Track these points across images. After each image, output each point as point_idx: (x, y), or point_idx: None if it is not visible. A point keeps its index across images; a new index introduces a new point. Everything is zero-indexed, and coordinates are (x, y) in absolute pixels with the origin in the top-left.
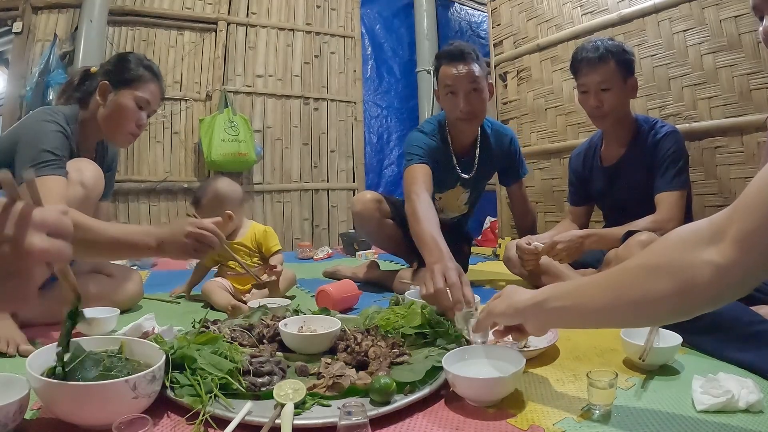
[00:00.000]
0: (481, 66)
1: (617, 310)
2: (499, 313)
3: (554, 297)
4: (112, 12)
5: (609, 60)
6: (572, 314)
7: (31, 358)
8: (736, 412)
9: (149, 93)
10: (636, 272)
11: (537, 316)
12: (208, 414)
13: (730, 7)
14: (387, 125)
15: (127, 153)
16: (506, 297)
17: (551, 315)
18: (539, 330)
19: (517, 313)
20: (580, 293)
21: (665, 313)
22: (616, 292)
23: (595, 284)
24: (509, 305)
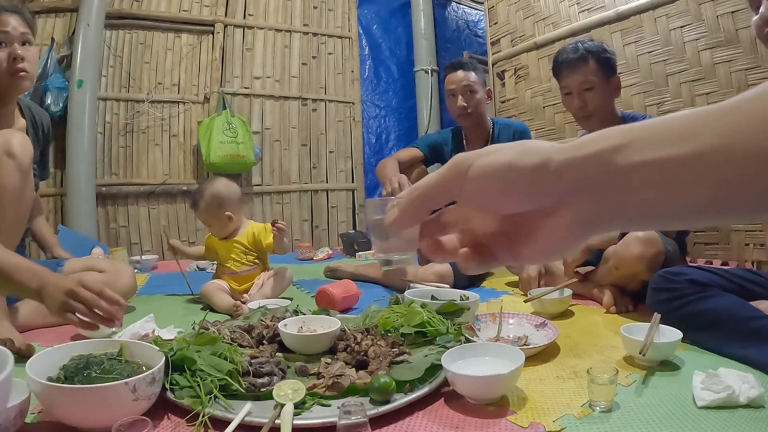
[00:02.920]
0: (478, 74)
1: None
2: (494, 170)
3: (647, 139)
4: (109, 15)
5: (589, 60)
6: (703, 173)
7: (31, 362)
8: (737, 408)
9: (1, 24)
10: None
11: (597, 185)
12: (208, 415)
13: (727, 3)
14: (385, 125)
15: (125, 156)
16: (513, 145)
17: (634, 183)
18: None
19: (552, 174)
20: (722, 124)
21: None
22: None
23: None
24: (529, 150)
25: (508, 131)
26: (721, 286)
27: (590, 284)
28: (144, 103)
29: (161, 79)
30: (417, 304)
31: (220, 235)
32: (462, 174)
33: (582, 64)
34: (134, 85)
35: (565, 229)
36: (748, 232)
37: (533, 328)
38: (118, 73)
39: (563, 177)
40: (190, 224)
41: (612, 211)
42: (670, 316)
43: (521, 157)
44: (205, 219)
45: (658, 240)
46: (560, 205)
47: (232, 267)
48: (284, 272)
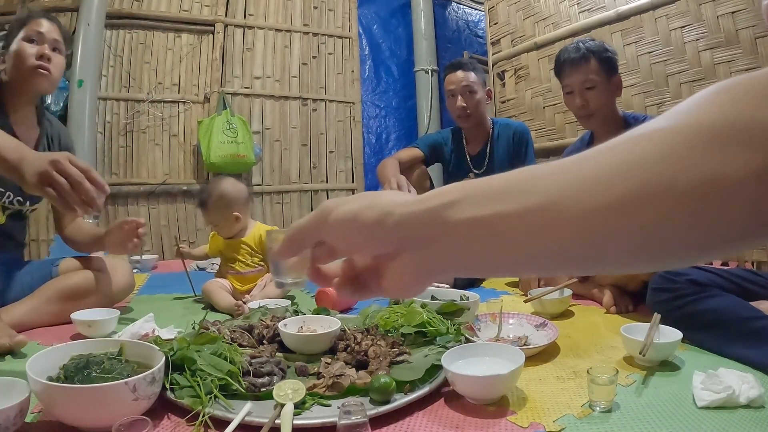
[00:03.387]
0: (478, 74)
1: (648, 215)
2: (345, 218)
3: (479, 195)
4: (110, 15)
5: (591, 59)
6: (517, 234)
7: (31, 362)
8: (737, 408)
9: (36, 25)
10: (679, 139)
11: (429, 237)
12: (208, 415)
13: (728, 3)
14: (385, 125)
15: (126, 156)
16: (369, 195)
17: (461, 237)
18: (420, 275)
19: (391, 226)
20: (554, 182)
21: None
22: (641, 176)
23: (586, 166)
24: (371, 205)
25: (507, 131)
26: (721, 286)
27: (590, 284)
28: (144, 103)
29: (161, 79)
30: (417, 304)
31: (227, 234)
32: (324, 219)
33: (583, 63)
34: (134, 84)
35: (407, 273)
36: None
37: (533, 328)
38: (118, 73)
39: (399, 230)
40: (190, 224)
41: (444, 260)
42: (670, 316)
43: (365, 210)
44: (212, 219)
45: None
46: (400, 253)
47: (237, 267)
48: None
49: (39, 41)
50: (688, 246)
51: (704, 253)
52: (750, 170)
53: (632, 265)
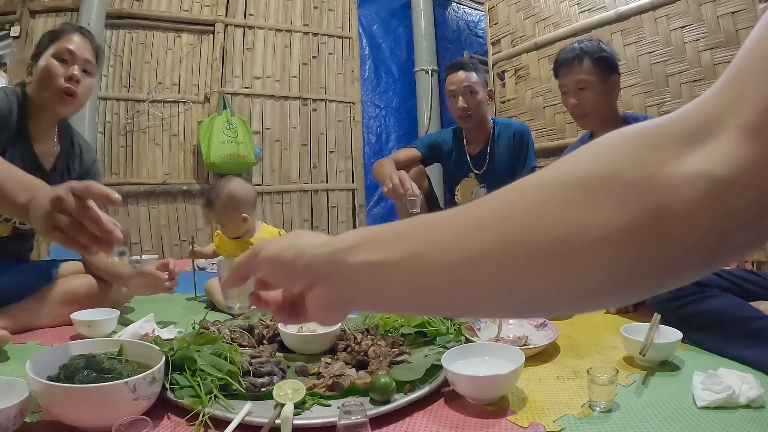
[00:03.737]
0: (479, 75)
1: (504, 268)
2: (269, 257)
3: (373, 241)
4: (110, 15)
5: (584, 59)
6: (398, 278)
7: (31, 361)
8: (737, 408)
9: (69, 42)
10: (547, 193)
11: (332, 277)
12: (208, 415)
13: (728, 4)
14: (385, 125)
15: (126, 156)
16: (293, 235)
17: (358, 278)
18: (330, 309)
19: (303, 265)
20: (429, 234)
21: (604, 275)
22: (505, 232)
23: (460, 217)
24: (290, 246)
25: (508, 131)
26: (721, 286)
27: None
28: (144, 103)
29: (161, 79)
30: None
31: (233, 235)
32: (255, 257)
33: (577, 63)
34: (134, 84)
35: (320, 305)
36: None
37: (533, 329)
38: (118, 73)
39: (309, 269)
40: (190, 224)
41: (347, 296)
42: (670, 316)
43: (284, 251)
44: (220, 219)
45: None
46: (313, 288)
47: None
48: None
49: (70, 61)
50: (544, 300)
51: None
52: (612, 227)
53: (503, 314)
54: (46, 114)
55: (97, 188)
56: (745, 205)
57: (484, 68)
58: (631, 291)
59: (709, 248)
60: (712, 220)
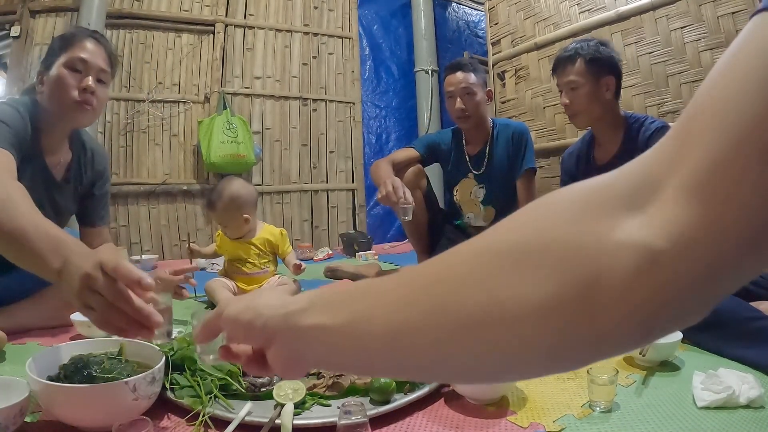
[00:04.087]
0: (477, 75)
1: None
2: (230, 317)
3: (322, 305)
4: (110, 15)
5: (577, 60)
6: (344, 342)
7: (32, 361)
8: (737, 408)
9: (82, 51)
10: (477, 261)
11: (285, 338)
12: (208, 415)
13: (728, 4)
14: (386, 125)
15: (126, 156)
16: (254, 296)
17: (308, 340)
18: (286, 366)
19: (260, 326)
20: (367, 300)
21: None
22: (433, 301)
23: (398, 284)
24: (249, 307)
25: (507, 131)
26: None
27: None
28: (144, 103)
29: (162, 79)
30: None
31: (235, 235)
32: (219, 316)
33: (570, 64)
34: (134, 84)
35: (278, 362)
36: None
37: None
38: (118, 73)
39: (265, 330)
40: (190, 224)
41: (300, 356)
42: None
43: (243, 312)
44: (222, 220)
45: None
46: (269, 346)
47: (245, 269)
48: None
49: (83, 71)
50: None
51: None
52: (538, 299)
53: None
54: (59, 126)
55: (126, 272)
56: (683, 277)
57: (483, 68)
58: (561, 363)
59: (644, 321)
60: (647, 293)
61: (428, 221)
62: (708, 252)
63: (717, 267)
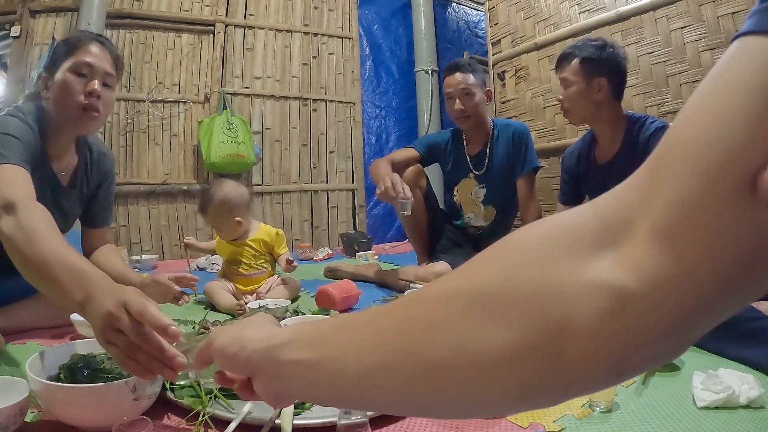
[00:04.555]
0: (476, 76)
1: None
2: (217, 349)
3: (300, 340)
4: (110, 15)
5: (573, 59)
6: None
7: (32, 361)
8: (737, 408)
9: (87, 55)
10: (445, 304)
11: (267, 371)
12: (208, 415)
13: (728, 4)
14: (386, 125)
15: (126, 156)
16: (242, 327)
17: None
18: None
19: (244, 359)
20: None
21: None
22: (403, 343)
23: (371, 323)
24: (235, 340)
25: (507, 131)
26: None
27: None
28: (144, 103)
29: (162, 79)
30: None
31: (229, 238)
32: (209, 346)
33: (564, 62)
34: (135, 84)
35: (263, 393)
36: None
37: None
38: None
39: (248, 363)
40: (190, 224)
41: (282, 388)
42: None
43: (229, 344)
44: (214, 223)
45: None
46: (254, 378)
47: (241, 270)
48: (294, 282)
49: (89, 75)
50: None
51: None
52: (505, 345)
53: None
54: (65, 132)
55: (153, 319)
56: (655, 320)
57: (482, 68)
58: (529, 404)
59: (614, 365)
60: (617, 336)
61: (428, 221)
62: (681, 297)
63: (691, 311)
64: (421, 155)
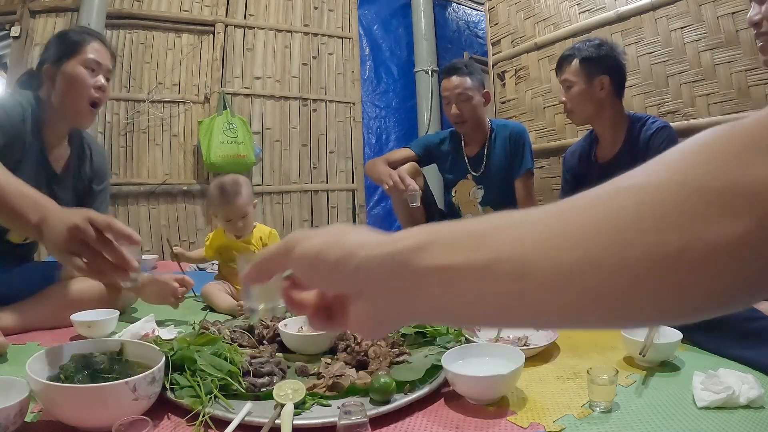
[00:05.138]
0: (474, 78)
1: (602, 280)
2: (309, 253)
3: (444, 242)
4: (110, 15)
5: (573, 59)
6: (480, 287)
7: (32, 361)
8: (736, 408)
9: (94, 52)
10: (657, 199)
11: (390, 284)
12: (208, 415)
13: (728, 4)
14: (385, 126)
15: (126, 156)
16: (338, 231)
17: (428, 285)
18: (372, 324)
19: (351, 269)
20: (509, 237)
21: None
22: (610, 236)
23: (554, 216)
24: (336, 244)
25: (505, 132)
26: None
27: None
28: (144, 103)
29: (162, 79)
30: None
31: (240, 233)
32: (288, 252)
33: (566, 63)
34: (135, 84)
35: (367, 317)
36: None
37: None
38: (118, 73)
39: (359, 274)
40: (190, 224)
41: (405, 309)
42: None
43: (328, 249)
44: (240, 213)
45: None
46: (357, 297)
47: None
48: None
49: (96, 70)
50: (669, 311)
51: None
52: (734, 235)
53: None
54: (64, 121)
55: (120, 226)
56: None
57: (481, 69)
58: (752, 298)
59: None
60: None
61: (426, 221)
62: None
63: None
64: (417, 155)
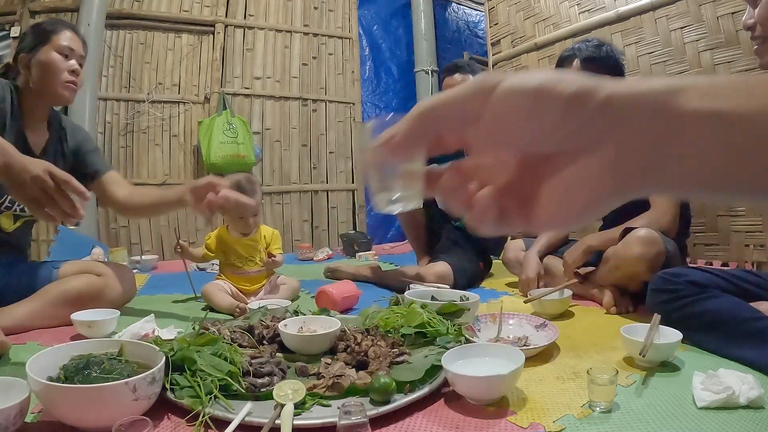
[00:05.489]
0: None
1: None
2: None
3: (703, 88)
4: (110, 15)
5: (574, 59)
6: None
7: (32, 362)
8: (736, 408)
9: (66, 39)
10: None
11: (651, 125)
12: (208, 415)
13: (727, 4)
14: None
15: (126, 156)
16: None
17: (698, 131)
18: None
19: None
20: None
21: None
22: None
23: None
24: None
25: None
26: (721, 287)
27: (590, 285)
28: (144, 103)
29: (162, 80)
30: (417, 304)
31: (249, 230)
32: (486, 92)
33: (566, 63)
34: (134, 85)
35: (593, 181)
36: (748, 233)
37: (533, 329)
38: (118, 73)
39: (607, 111)
40: (190, 224)
41: (658, 163)
42: (669, 317)
43: (558, 82)
44: (253, 211)
45: (659, 240)
46: (593, 148)
47: (246, 267)
48: (294, 282)
49: (69, 56)
50: None
51: None
52: None
53: None
54: (42, 105)
55: (76, 184)
56: None
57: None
58: None
59: None
60: None
61: (426, 222)
62: None
63: None
64: None
